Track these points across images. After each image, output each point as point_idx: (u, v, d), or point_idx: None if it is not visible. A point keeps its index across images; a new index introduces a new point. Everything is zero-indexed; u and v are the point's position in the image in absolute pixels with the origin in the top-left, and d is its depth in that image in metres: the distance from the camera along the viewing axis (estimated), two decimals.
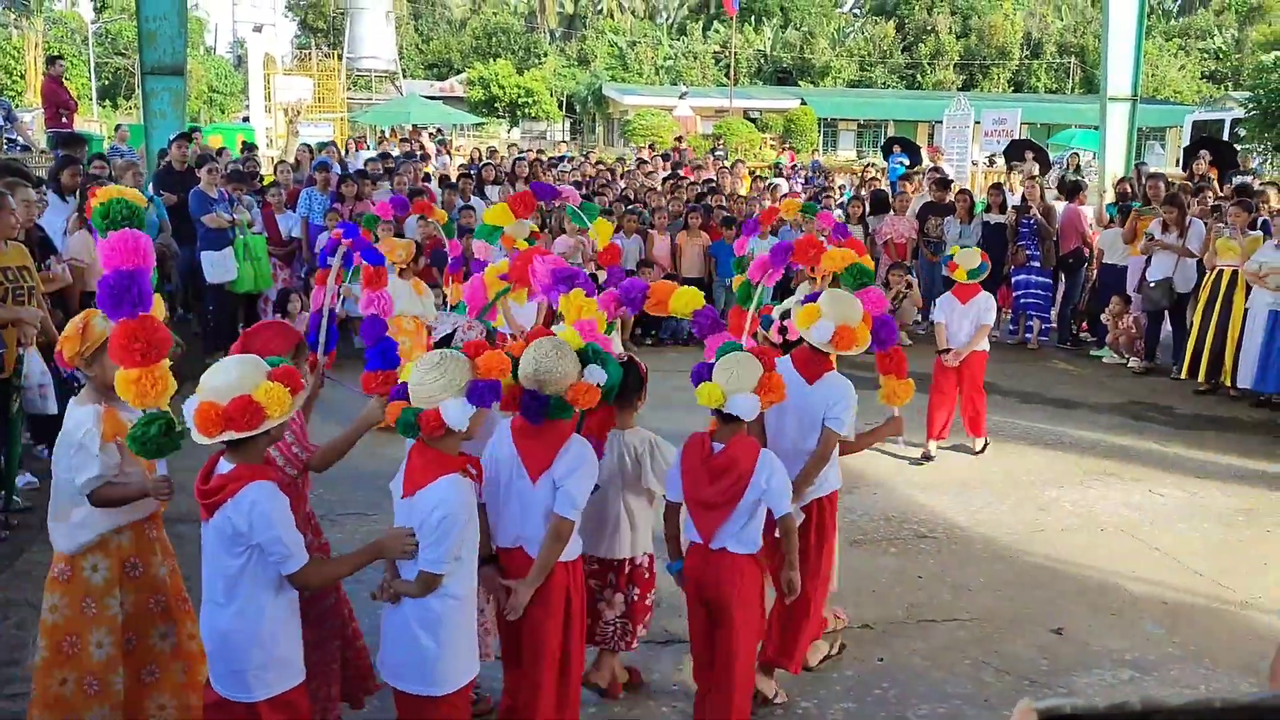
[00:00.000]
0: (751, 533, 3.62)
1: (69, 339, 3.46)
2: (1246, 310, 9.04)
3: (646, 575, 4.11)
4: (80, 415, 3.43)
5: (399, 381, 3.32)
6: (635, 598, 4.09)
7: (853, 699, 4.27)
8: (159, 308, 3.21)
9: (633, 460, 3.97)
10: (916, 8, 54.78)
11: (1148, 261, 10.25)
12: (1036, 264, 11.17)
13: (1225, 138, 26.59)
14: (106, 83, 47.05)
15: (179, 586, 3.69)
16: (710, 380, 3.55)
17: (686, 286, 4.09)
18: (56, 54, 21.10)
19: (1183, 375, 9.80)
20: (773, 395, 3.59)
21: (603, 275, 4.87)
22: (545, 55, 55.34)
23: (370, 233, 6.52)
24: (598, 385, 3.44)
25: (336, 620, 3.72)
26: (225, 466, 2.99)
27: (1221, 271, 9.34)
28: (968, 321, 7.41)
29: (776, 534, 3.75)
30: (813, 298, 4.29)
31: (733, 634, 3.61)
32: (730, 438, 3.62)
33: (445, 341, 3.89)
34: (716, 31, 53.59)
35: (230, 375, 2.94)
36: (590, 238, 10.67)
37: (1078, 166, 16.81)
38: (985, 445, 7.73)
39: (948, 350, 7.46)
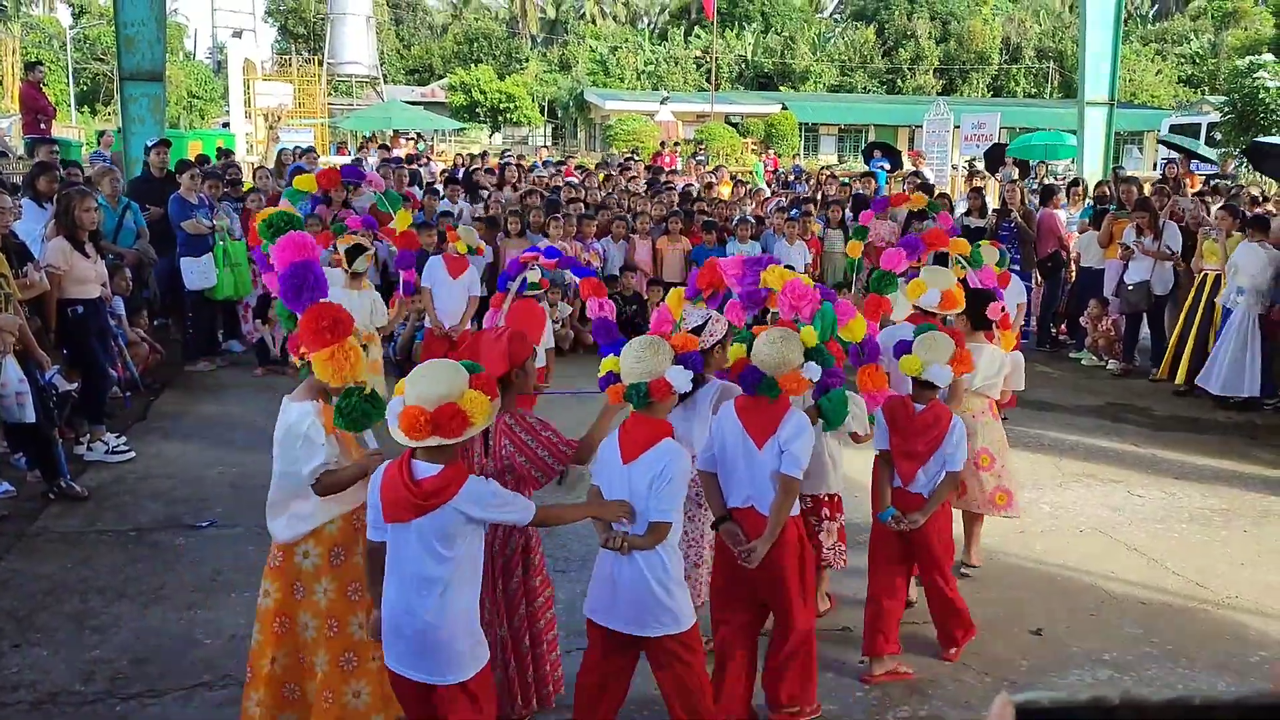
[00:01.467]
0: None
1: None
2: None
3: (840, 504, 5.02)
4: (301, 409, 3.59)
5: (606, 372, 3.90)
6: (842, 523, 4.97)
7: (833, 700, 4.28)
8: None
9: None
10: (896, 13, 54.99)
11: (1125, 264, 10.33)
12: (1016, 267, 11.22)
13: (1202, 141, 26.82)
14: (85, 88, 46.70)
15: None
16: (910, 354, 4.37)
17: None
18: (35, 60, 20.94)
19: (1160, 375, 9.88)
20: (964, 367, 4.49)
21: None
22: (527, 60, 55.31)
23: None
24: (810, 380, 3.95)
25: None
26: (430, 470, 3.12)
27: (1206, 275, 9.43)
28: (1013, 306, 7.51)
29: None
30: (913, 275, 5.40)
31: (931, 557, 4.51)
32: (928, 401, 4.43)
33: (699, 330, 4.24)
34: (698, 37, 53.69)
35: (436, 383, 3.08)
36: (565, 243, 10.70)
37: (1045, 173, 16.95)
38: None
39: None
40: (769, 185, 19.30)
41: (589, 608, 3.63)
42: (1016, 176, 16.05)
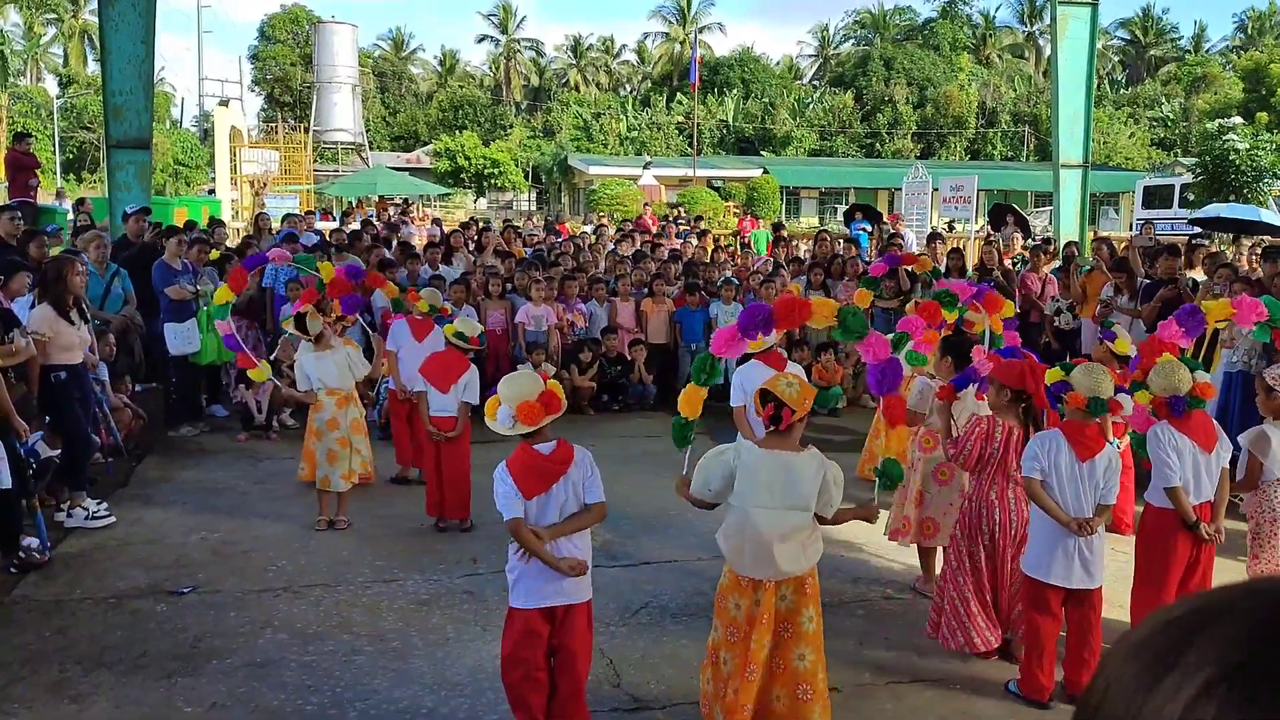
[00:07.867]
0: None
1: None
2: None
3: None
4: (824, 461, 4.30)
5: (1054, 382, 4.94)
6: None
7: None
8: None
9: None
10: (874, 79, 56.16)
11: (1100, 322, 10.44)
12: None
13: (1175, 202, 27.30)
14: (71, 156, 47.02)
15: None
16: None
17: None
18: (24, 131, 21.11)
19: None
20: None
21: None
22: (511, 127, 56.04)
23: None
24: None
25: None
26: (549, 446, 4.10)
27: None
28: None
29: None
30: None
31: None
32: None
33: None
34: (679, 103, 54.57)
35: (524, 383, 4.08)
36: (548, 305, 10.76)
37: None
38: None
39: None
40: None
41: (1055, 577, 4.75)
42: (1020, 236, 16.29)
